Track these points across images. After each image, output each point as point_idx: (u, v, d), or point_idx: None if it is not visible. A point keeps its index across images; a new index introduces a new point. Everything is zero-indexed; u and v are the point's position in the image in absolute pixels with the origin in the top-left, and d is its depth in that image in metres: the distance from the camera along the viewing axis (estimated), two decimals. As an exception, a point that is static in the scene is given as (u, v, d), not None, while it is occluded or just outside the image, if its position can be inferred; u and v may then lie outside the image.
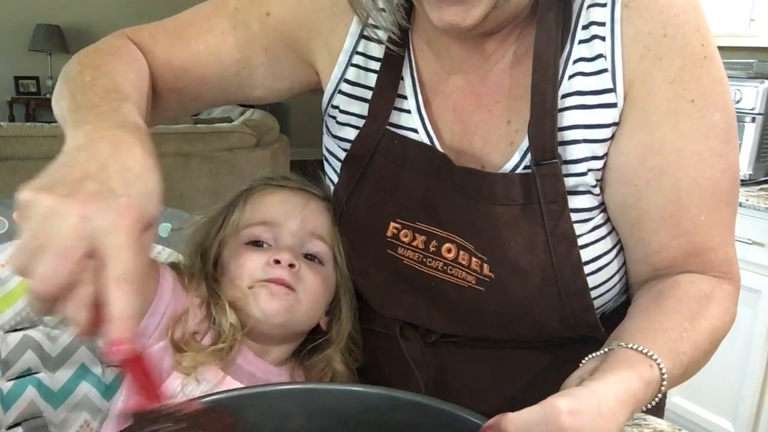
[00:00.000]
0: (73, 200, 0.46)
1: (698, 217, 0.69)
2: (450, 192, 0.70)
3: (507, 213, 0.69)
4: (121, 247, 0.45)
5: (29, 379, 0.77)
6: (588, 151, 0.69)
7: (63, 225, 0.45)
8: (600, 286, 0.72)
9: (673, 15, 0.66)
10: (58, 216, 0.45)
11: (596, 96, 0.68)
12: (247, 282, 0.73)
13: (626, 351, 0.60)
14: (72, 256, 0.45)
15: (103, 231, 0.45)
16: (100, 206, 0.46)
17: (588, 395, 0.53)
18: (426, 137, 0.72)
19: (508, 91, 0.71)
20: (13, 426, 0.76)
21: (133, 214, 0.46)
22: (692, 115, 0.67)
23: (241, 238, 0.75)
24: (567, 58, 0.68)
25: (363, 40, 0.74)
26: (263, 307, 0.71)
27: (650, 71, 0.66)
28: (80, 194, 0.46)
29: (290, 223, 0.75)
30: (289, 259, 0.72)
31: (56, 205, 0.45)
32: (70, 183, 0.47)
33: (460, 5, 0.61)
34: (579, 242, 0.69)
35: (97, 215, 0.45)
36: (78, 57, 0.72)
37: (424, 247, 0.71)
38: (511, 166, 0.70)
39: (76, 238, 0.45)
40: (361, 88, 0.75)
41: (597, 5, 0.68)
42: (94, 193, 0.46)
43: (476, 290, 0.70)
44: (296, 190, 0.78)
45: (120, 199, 0.47)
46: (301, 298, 0.73)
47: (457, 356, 0.75)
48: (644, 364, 0.59)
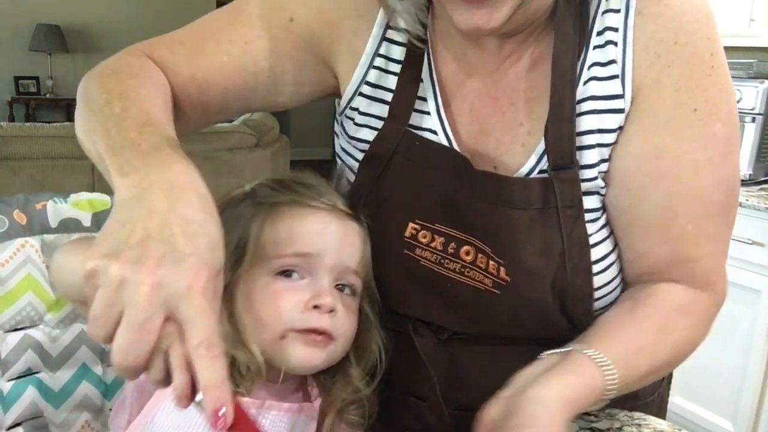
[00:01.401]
0: (143, 267, 0.45)
1: (686, 226, 0.70)
2: (469, 195, 0.71)
3: (524, 217, 0.69)
4: (198, 312, 0.45)
5: (30, 379, 0.77)
6: (600, 155, 0.70)
7: (137, 295, 0.44)
8: (605, 286, 0.73)
9: (686, 22, 0.66)
10: (130, 285, 0.45)
11: (607, 101, 0.69)
12: (281, 329, 0.64)
13: (578, 355, 0.64)
14: (151, 326, 0.45)
15: (178, 296, 0.45)
16: (171, 271, 0.45)
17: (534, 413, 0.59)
18: (445, 139, 0.73)
19: (522, 94, 0.72)
20: (14, 426, 0.76)
21: (204, 275, 0.46)
22: (693, 124, 0.67)
23: (271, 267, 0.66)
24: (582, 63, 0.69)
25: (384, 42, 0.74)
26: (299, 358, 0.64)
27: (659, 78, 0.67)
28: (148, 259, 0.45)
29: (329, 256, 0.66)
30: (330, 303, 0.65)
31: (127, 274, 0.45)
32: (135, 246, 0.46)
33: (485, 8, 0.61)
34: (590, 241, 0.71)
35: (170, 281, 0.45)
36: (99, 81, 0.68)
37: (443, 248, 0.72)
38: (527, 170, 0.71)
39: (152, 307, 0.44)
40: (382, 90, 0.75)
41: (611, 11, 0.68)
42: (162, 255, 0.46)
43: (492, 293, 0.71)
44: (331, 211, 0.69)
45: (189, 260, 0.46)
46: (339, 343, 0.67)
47: (469, 352, 0.76)
48: (593, 370, 0.63)
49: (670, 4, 0.67)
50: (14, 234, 0.76)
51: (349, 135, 0.78)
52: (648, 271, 0.73)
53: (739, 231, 2.03)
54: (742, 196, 2.08)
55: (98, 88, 0.67)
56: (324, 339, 0.65)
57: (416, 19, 0.71)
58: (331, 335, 0.65)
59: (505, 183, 0.70)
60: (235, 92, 0.77)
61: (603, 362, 0.63)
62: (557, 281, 0.70)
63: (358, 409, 0.70)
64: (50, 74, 6.21)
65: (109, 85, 0.67)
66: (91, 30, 6.36)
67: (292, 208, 0.68)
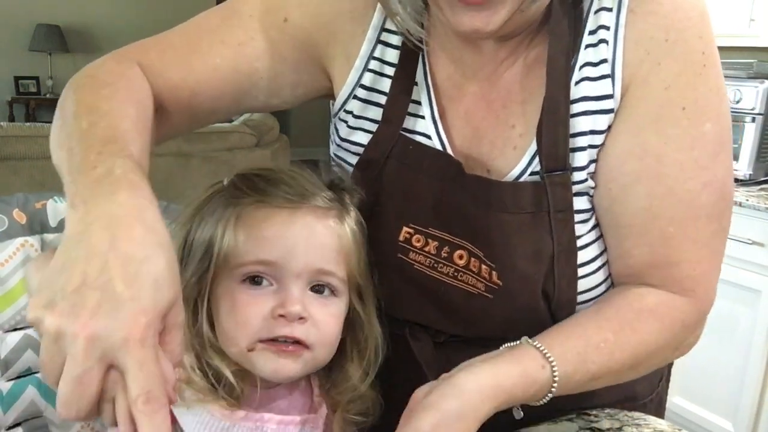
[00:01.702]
0: (77, 319, 0.43)
1: (667, 228, 0.68)
2: (461, 199, 0.70)
3: (516, 221, 0.69)
4: (136, 364, 0.43)
5: (30, 378, 0.77)
6: (589, 156, 0.69)
7: (73, 348, 0.43)
8: (594, 289, 0.72)
9: (677, 20, 0.66)
10: (66, 338, 0.43)
11: (598, 102, 0.68)
12: (247, 341, 0.61)
13: (527, 347, 0.64)
14: (90, 379, 0.43)
15: (115, 348, 0.43)
16: (107, 321, 0.43)
17: (451, 395, 0.59)
18: (439, 143, 0.72)
19: (516, 96, 0.72)
20: (14, 426, 0.76)
21: (141, 324, 0.44)
22: (681, 123, 0.66)
23: (236, 275, 0.63)
24: (574, 64, 0.68)
25: (379, 45, 0.74)
26: (270, 370, 0.62)
27: (647, 76, 0.66)
28: (83, 310, 0.43)
29: (294, 261, 0.62)
30: (297, 312, 0.61)
31: (62, 327, 0.43)
32: (70, 296, 0.44)
33: (483, 11, 0.61)
34: (579, 243, 0.70)
35: (105, 332, 0.43)
36: (75, 90, 0.66)
37: (437, 252, 0.71)
38: (518, 172, 0.70)
39: (90, 360, 0.43)
40: (376, 93, 0.75)
41: (604, 9, 0.67)
42: (97, 305, 0.44)
43: (485, 297, 0.71)
44: (296, 210, 0.64)
45: (126, 307, 0.44)
46: (316, 349, 0.63)
47: (465, 355, 0.75)
48: (537, 362, 0.63)
49: (663, 2, 0.66)
50: (14, 233, 0.76)
51: (341, 137, 0.78)
52: (627, 273, 0.71)
53: (739, 231, 2.02)
54: (742, 196, 2.08)
55: (72, 98, 0.65)
56: (296, 348, 0.62)
57: (417, 21, 0.70)
58: (303, 344, 0.62)
59: (496, 187, 0.69)
60: (227, 94, 0.76)
61: (547, 355, 0.63)
62: (547, 285, 0.69)
63: (360, 407, 0.70)
64: (50, 74, 6.21)
65: (82, 96, 0.64)
66: (91, 30, 6.36)
67: (255, 210, 0.64)
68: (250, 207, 0.64)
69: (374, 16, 0.74)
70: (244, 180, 0.67)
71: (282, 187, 0.65)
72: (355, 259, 0.67)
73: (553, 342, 0.65)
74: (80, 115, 0.61)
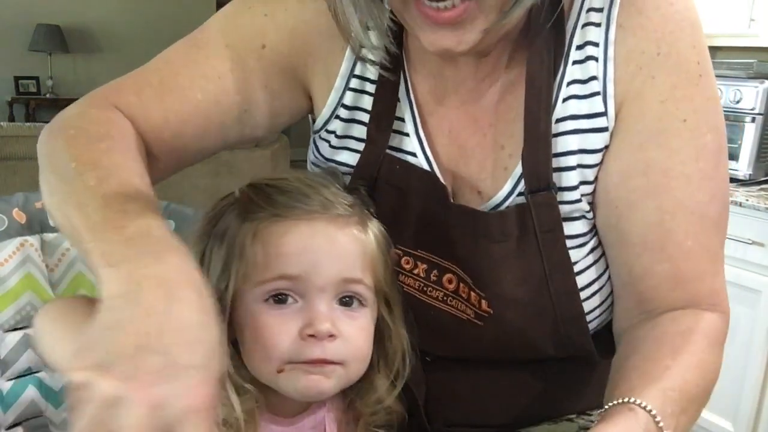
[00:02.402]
0: (138, 384, 0.40)
1: (685, 242, 0.66)
2: (448, 225, 0.69)
3: (503, 249, 0.67)
4: None
5: (29, 378, 0.77)
6: (581, 176, 0.67)
7: (131, 417, 0.39)
8: (594, 310, 0.71)
9: (668, 32, 0.64)
10: (124, 406, 0.39)
11: (589, 120, 0.66)
12: (276, 364, 0.59)
13: (609, 410, 0.57)
14: None
15: (178, 418, 0.40)
16: (170, 389, 0.40)
17: None
18: (425, 161, 0.71)
19: (501, 115, 0.70)
20: (14, 426, 0.76)
21: (205, 394, 0.41)
22: (683, 135, 0.65)
23: (258, 294, 0.60)
24: (560, 81, 0.66)
25: (360, 62, 0.71)
26: (302, 389, 0.59)
27: (641, 90, 0.65)
28: (144, 375, 0.40)
29: (318, 275, 0.59)
30: (327, 329, 0.58)
31: (121, 393, 0.40)
32: (128, 358, 0.41)
33: (455, 31, 0.58)
34: (576, 268, 0.68)
35: (169, 401, 0.40)
36: (65, 143, 0.61)
37: (426, 275, 0.70)
38: (504, 194, 0.69)
39: (150, 431, 0.40)
40: (359, 111, 0.73)
41: (592, 24, 0.66)
42: (159, 370, 0.41)
43: (474, 324, 0.70)
44: (315, 220, 0.61)
45: (189, 377, 0.41)
46: (349, 366, 0.61)
47: (453, 374, 0.75)
48: (630, 415, 0.55)
49: (652, 16, 0.64)
50: (14, 233, 0.76)
51: (325, 157, 0.76)
52: (651, 296, 0.67)
53: (739, 231, 2.02)
54: (742, 196, 2.08)
55: (65, 153, 0.60)
56: (328, 366, 0.59)
57: (383, 48, 0.67)
58: (334, 362, 0.59)
59: (481, 218, 0.68)
60: (212, 131, 0.72)
61: (635, 401, 0.56)
62: (541, 306, 0.68)
63: (385, 417, 0.67)
64: (50, 74, 6.20)
65: (77, 151, 0.60)
66: (91, 30, 6.35)
67: (273, 225, 0.61)
68: (266, 222, 0.61)
69: None
70: (257, 192, 0.64)
71: (298, 197, 0.62)
72: (381, 266, 0.64)
73: (627, 390, 0.58)
74: (83, 172, 0.57)
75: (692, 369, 0.61)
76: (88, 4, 6.29)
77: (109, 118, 0.66)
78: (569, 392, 0.77)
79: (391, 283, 0.67)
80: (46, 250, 0.78)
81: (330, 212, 0.62)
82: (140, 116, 0.68)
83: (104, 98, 0.69)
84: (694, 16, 0.66)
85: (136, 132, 0.67)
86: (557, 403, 0.76)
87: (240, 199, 0.65)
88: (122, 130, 0.65)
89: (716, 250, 0.68)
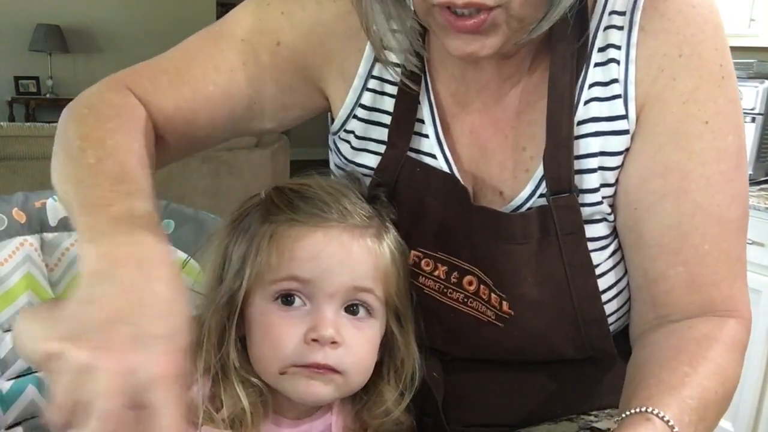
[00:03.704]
0: (109, 353, 0.42)
1: (701, 245, 0.65)
2: (468, 227, 0.69)
3: (525, 251, 0.67)
4: (168, 402, 0.43)
5: (29, 378, 0.77)
6: (602, 179, 0.67)
7: (102, 383, 0.41)
8: (616, 312, 0.71)
9: (690, 35, 0.64)
10: (95, 373, 0.42)
11: (610, 122, 0.66)
12: (280, 365, 0.60)
13: (626, 419, 0.57)
14: (115, 416, 0.42)
15: (146, 386, 0.42)
16: (139, 358, 0.43)
17: None
18: (444, 163, 0.71)
19: (523, 117, 0.70)
20: (13, 425, 0.76)
21: (173, 362, 0.44)
22: (704, 137, 0.64)
23: (268, 293, 0.62)
24: (582, 83, 0.66)
25: (378, 63, 0.72)
26: (302, 393, 0.61)
27: (662, 92, 0.65)
28: (115, 344, 0.43)
29: (328, 281, 0.61)
30: (330, 336, 0.59)
31: (91, 361, 0.42)
32: (100, 329, 0.43)
33: (477, 37, 0.59)
34: (597, 271, 0.68)
35: (139, 368, 0.42)
36: (77, 122, 0.66)
37: (446, 277, 0.70)
38: (526, 195, 0.69)
39: (118, 397, 0.42)
40: (378, 113, 0.73)
41: (614, 27, 0.66)
42: (129, 340, 0.43)
43: (495, 325, 0.69)
44: (331, 228, 0.62)
45: (158, 346, 0.44)
46: (349, 375, 0.61)
47: (471, 375, 0.75)
48: (647, 425, 0.55)
49: (674, 18, 0.64)
50: (13, 232, 0.76)
51: (347, 158, 0.76)
52: (665, 301, 0.67)
53: (739, 231, 2.02)
54: (742, 196, 2.09)
55: (75, 131, 0.65)
56: (327, 372, 0.60)
57: (411, 51, 0.68)
58: (335, 370, 0.60)
59: (503, 219, 0.68)
60: (221, 121, 0.75)
61: (650, 410, 0.56)
62: (562, 309, 0.68)
63: (393, 429, 0.67)
64: (50, 74, 6.21)
65: (85, 130, 0.64)
66: (91, 30, 6.36)
67: (290, 229, 0.62)
68: (284, 225, 0.63)
69: None
70: (280, 195, 0.65)
71: (318, 204, 0.63)
72: (393, 279, 0.65)
73: (642, 399, 0.57)
74: (86, 149, 0.61)
75: (710, 376, 0.60)
76: (88, 4, 6.30)
77: (122, 101, 0.69)
78: (585, 393, 0.76)
79: (405, 297, 0.67)
80: (46, 249, 0.78)
81: (347, 221, 0.63)
82: (153, 102, 0.70)
83: (121, 82, 0.72)
84: (716, 19, 0.65)
85: (148, 116, 0.69)
86: (572, 404, 0.76)
87: (264, 200, 0.67)
88: (132, 113, 0.68)
89: (737, 254, 0.68)
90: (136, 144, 0.64)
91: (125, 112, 0.68)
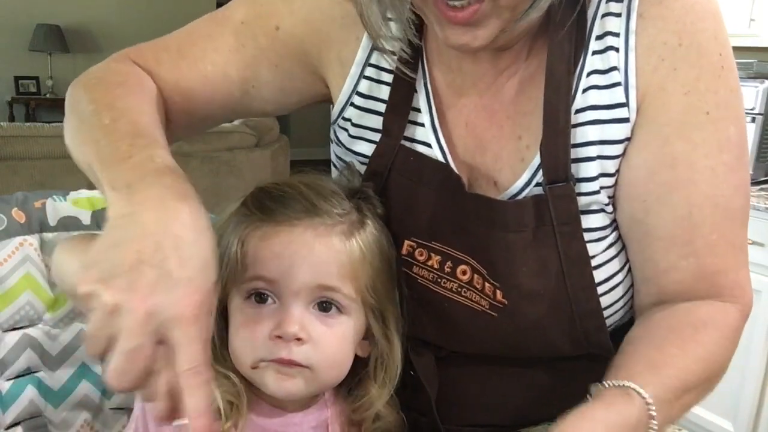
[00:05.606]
0: (135, 294, 0.46)
1: (710, 235, 0.66)
2: (463, 216, 0.69)
3: (519, 239, 0.67)
4: (188, 340, 0.46)
5: (29, 378, 0.77)
6: (601, 168, 0.67)
7: (129, 322, 0.46)
8: (612, 306, 0.71)
9: (690, 23, 0.64)
10: (122, 313, 0.46)
11: (610, 110, 0.66)
12: (251, 360, 0.63)
13: (605, 391, 0.58)
14: (143, 353, 0.46)
15: (170, 323, 0.46)
16: (163, 298, 0.46)
17: None
18: (439, 152, 0.71)
19: (519, 107, 0.70)
20: (13, 425, 0.76)
21: (195, 302, 0.47)
22: (706, 128, 0.65)
23: (242, 291, 0.64)
24: (580, 71, 0.66)
25: (375, 52, 0.72)
26: (273, 388, 0.63)
27: (664, 82, 0.64)
28: (141, 286, 0.46)
29: (293, 279, 0.62)
30: (294, 332, 0.61)
31: (119, 301, 0.46)
32: (127, 272, 0.47)
33: (471, 28, 0.60)
34: (593, 263, 0.68)
35: (161, 308, 0.46)
36: (86, 89, 0.69)
37: (440, 267, 0.70)
38: (521, 184, 0.69)
39: (145, 335, 0.46)
40: (374, 101, 0.73)
41: (611, 14, 0.66)
42: (154, 282, 0.47)
43: (489, 315, 0.69)
44: (295, 227, 0.63)
45: (181, 285, 0.47)
46: (318, 369, 0.63)
47: (468, 371, 0.75)
48: (625, 399, 0.57)
49: (673, 6, 0.64)
50: (13, 232, 0.76)
51: (346, 147, 0.77)
52: (674, 289, 0.68)
53: (739, 231, 2.02)
54: (742, 196, 2.09)
55: (86, 97, 0.67)
56: (293, 366, 0.62)
57: (405, 41, 0.68)
58: (301, 364, 0.62)
59: (498, 207, 0.68)
60: (218, 101, 0.77)
61: (628, 385, 0.58)
62: (557, 299, 0.68)
63: (384, 426, 0.69)
64: (50, 74, 6.21)
65: (97, 95, 0.67)
66: (91, 30, 6.36)
67: (258, 229, 0.64)
68: (252, 226, 0.65)
69: None
70: (253, 195, 0.68)
71: (287, 203, 0.64)
72: (365, 276, 0.65)
73: (626, 374, 0.59)
74: (99, 111, 0.64)
75: (698, 360, 0.62)
76: (88, 4, 6.30)
77: (129, 71, 0.72)
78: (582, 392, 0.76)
79: (383, 293, 0.67)
80: (46, 249, 0.77)
81: (312, 219, 0.64)
82: (155, 76, 0.73)
83: (125, 55, 0.75)
84: (715, 7, 0.65)
85: (155, 86, 0.72)
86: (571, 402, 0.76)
87: (243, 201, 0.68)
88: (139, 80, 0.71)
89: (740, 242, 0.69)
90: (146, 106, 0.67)
91: (133, 79, 0.71)
